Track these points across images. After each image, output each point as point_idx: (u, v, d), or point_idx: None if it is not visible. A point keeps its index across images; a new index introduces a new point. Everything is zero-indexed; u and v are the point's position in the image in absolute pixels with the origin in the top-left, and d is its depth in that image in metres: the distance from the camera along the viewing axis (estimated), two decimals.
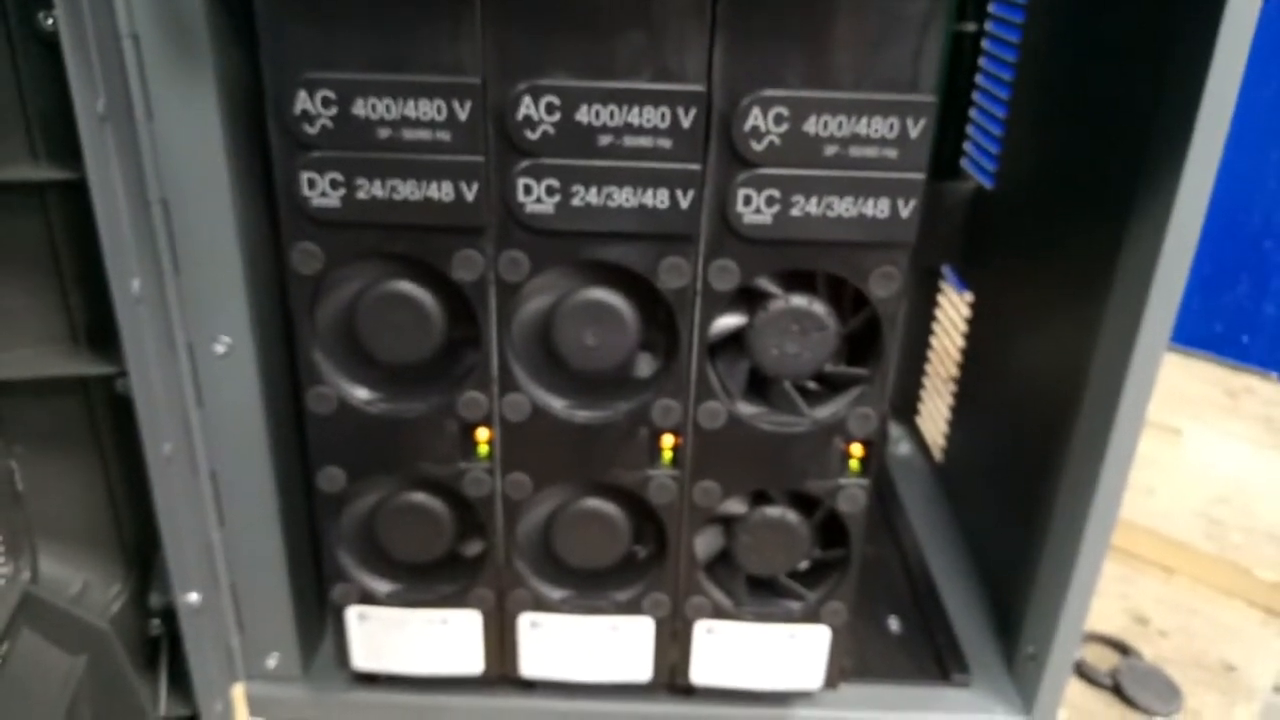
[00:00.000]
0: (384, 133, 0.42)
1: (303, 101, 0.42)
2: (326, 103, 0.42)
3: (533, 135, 0.42)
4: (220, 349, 0.49)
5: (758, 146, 0.42)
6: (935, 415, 0.86)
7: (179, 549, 0.50)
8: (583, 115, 0.42)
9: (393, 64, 0.41)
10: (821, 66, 0.41)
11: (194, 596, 0.51)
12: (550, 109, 0.42)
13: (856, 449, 0.48)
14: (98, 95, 0.42)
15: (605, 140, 0.42)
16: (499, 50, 0.41)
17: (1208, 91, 0.43)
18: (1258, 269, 1.78)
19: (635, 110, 0.41)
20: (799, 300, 0.45)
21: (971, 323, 0.78)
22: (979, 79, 0.78)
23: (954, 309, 0.83)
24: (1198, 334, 1.82)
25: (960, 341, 0.79)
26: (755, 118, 0.41)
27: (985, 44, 0.76)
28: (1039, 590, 0.58)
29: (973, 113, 0.79)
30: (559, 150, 0.42)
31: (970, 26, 0.76)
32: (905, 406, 0.93)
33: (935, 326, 0.88)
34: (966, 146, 0.80)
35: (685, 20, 0.40)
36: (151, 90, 0.44)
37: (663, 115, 0.41)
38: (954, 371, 0.81)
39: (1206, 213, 0.45)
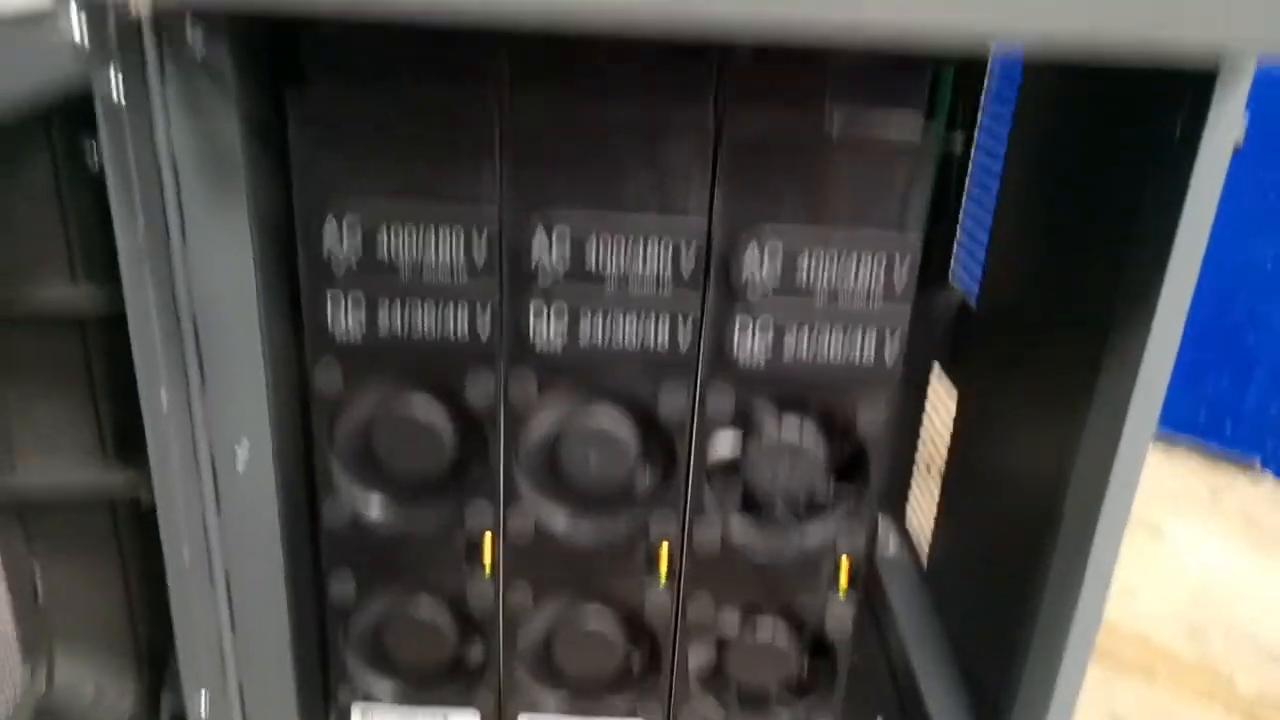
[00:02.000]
0: (406, 264, 0.45)
1: (331, 233, 0.45)
2: (353, 235, 0.45)
3: (544, 269, 0.45)
4: (241, 460, 0.51)
5: (754, 283, 0.45)
6: (923, 512, 0.88)
7: (192, 653, 0.51)
8: (591, 251, 0.45)
9: (416, 200, 0.44)
10: (814, 208, 0.44)
11: (204, 698, 0.52)
12: (561, 245, 0.44)
13: (845, 564, 0.51)
14: (137, 222, 0.45)
15: (611, 275, 0.45)
16: (515, 188, 0.44)
17: (1180, 231, 0.45)
18: (1240, 359, 1.82)
19: (640, 248, 0.44)
20: (790, 432, 0.47)
21: (957, 425, 0.80)
22: (968, 191, 0.81)
23: (943, 406, 0.85)
24: (1182, 420, 1.85)
25: (948, 440, 0.82)
26: (752, 255, 0.44)
27: (974, 156, 0.80)
28: (1023, 697, 0.60)
29: (962, 223, 0.82)
30: (568, 283, 0.45)
31: (959, 138, 0.80)
32: (894, 502, 0.95)
33: (925, 422, 0.91)
34: (956, 253, 0.84)
35: (688, 165, 0.44)
36: (187, 214, 0.47)
37: (665, 253, 0.44)
38: (942, 469, 0.83)
39: (1189, 306, 0.47)
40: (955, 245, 0.85)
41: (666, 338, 0.46)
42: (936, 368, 0.87)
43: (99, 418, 0.48)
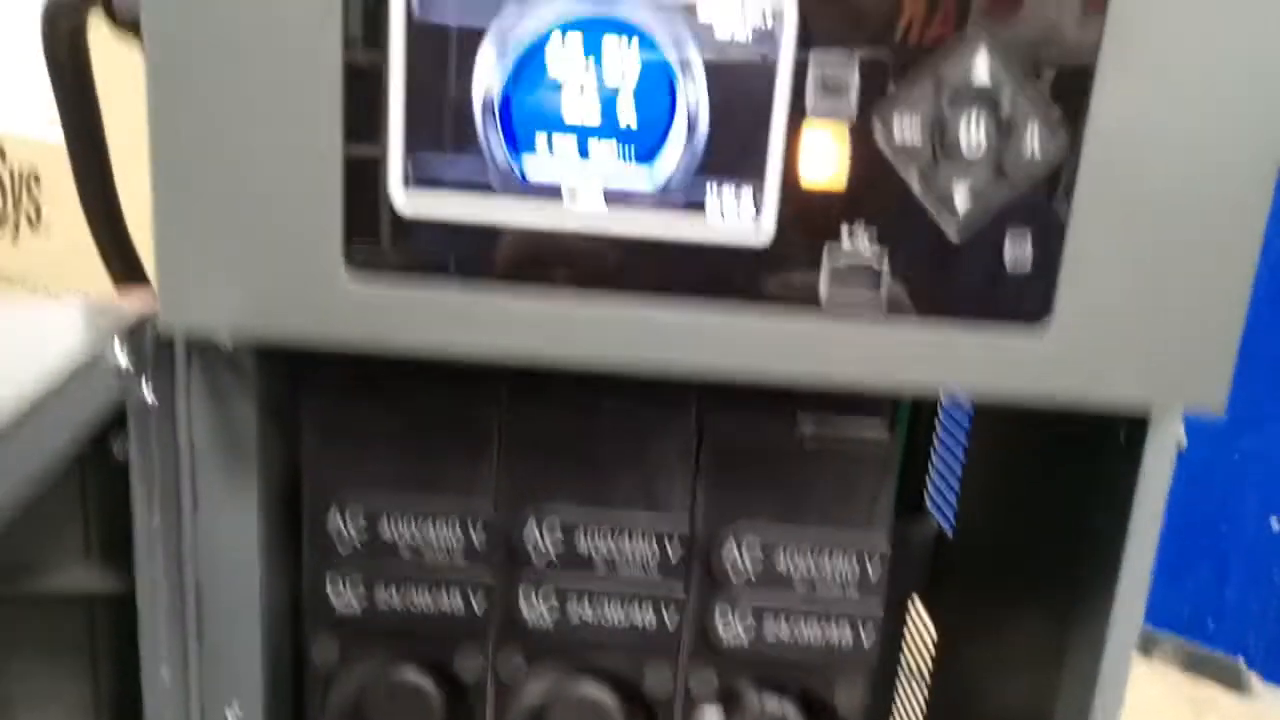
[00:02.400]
0: (406, 550, 0.48)
1: (335, 519, 0.48)
2: (356, 522, 0.47)
3: (536, 556, 0.48)
4: None
5: (734, 575, 0.47)
6: None
7: None
8: (581, 541, 0.47)
9: (417, 493, 0.47)
10: (788, 506, 0.47)
11: None
12: (553, 534, 0.47)
13: None
14: (154, 513, 0.47)
15: (600, 563, 0.48)
16: (511, 480, 0.47)
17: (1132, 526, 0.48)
18: (1218, 557, 1.84)
19: (627, 539, 0.47)
20: (772, 709, 0.49)
21: (936, 655, 0.82)
22: (939, 424, 0.85)
23: (924, 636, 0.86)
24: (1164, 616, 1.85)
25: (929, 667, 0.83)
26: (731, 549, 0.47)
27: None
28: None
29: (936, 451, 0.86)
30: (559, 570, 0.48)
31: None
32: None
33: (904, 654, 0.92)
34: (929, 486, 0.87)
35: (672, 464, 0.47)
36: (200, 493, 0.50)
37: (651, 544, 0.47)
38: (923, 700, 0.84)
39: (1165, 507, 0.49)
40: (929, 474, 0.88)
41: (653, 619, 0.48)
42: (915, 599, 0.90)
43: (98, 688, 0.50)
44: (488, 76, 0.36)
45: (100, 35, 0.45)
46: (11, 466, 0.34)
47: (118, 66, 0.48)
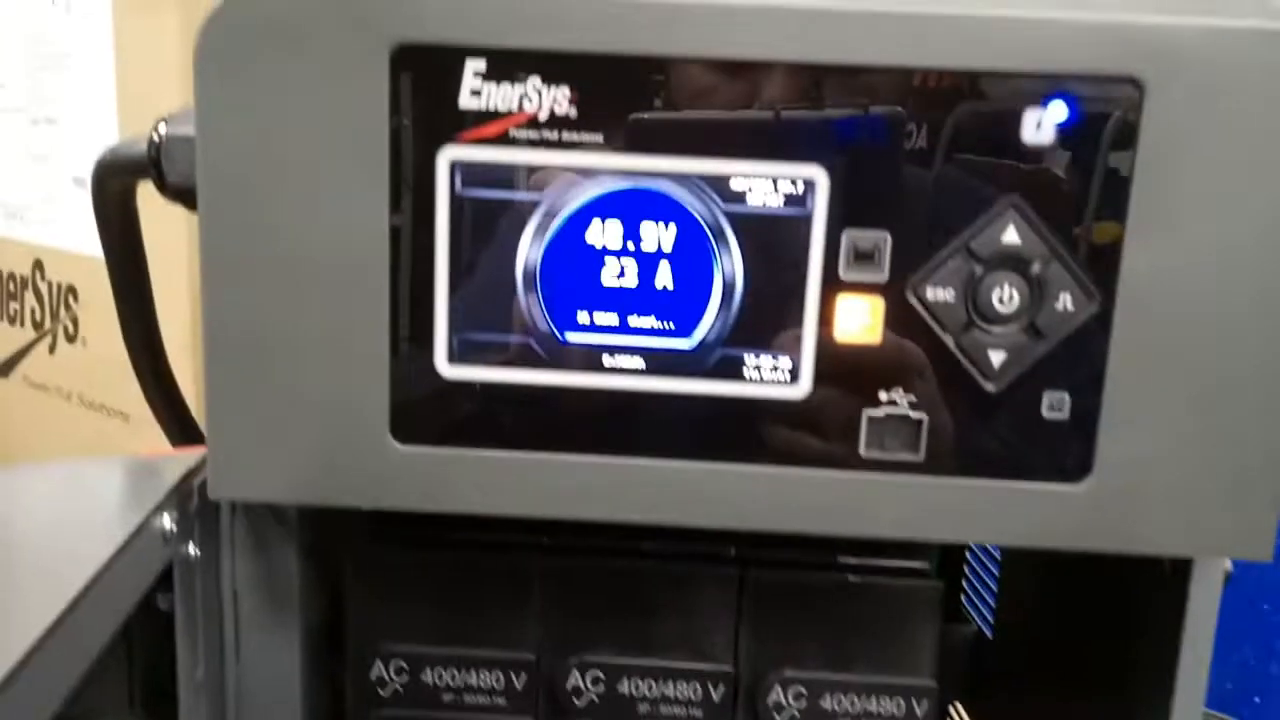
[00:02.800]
0: (448, 697, 0.48)
1: (379, 668, 0.48)
2: (400, 671, 0.48)
3: (579, 702, 0.47)
4: None
5: (779, 718, 0.47)
6: None
7: None
8: (624, 687, 0.47)
9: (461, 639, 0.48)
10: (835, 651, 0.47)
11: None
12: (596, 681, 0.47)
13: None
14: (198, 664, 0.48)
15: (644, 709, 0.47)
16: (553, 628, 0.47)
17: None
18: (1259, 633, 1.80)
19: (670, 684, 0.47)
20: None
21: None
22: None
23: None
24: (1211, 694, 1.81)
25: None
26: (777, 694, 0.47)
27: None
28: None
29: (968, 556, 0.85)
30: (601, 715, 0.48)
31: None
32: None
33: None
34: (965, 586, 0.86)
35: (716, 608, 0.47)
36: (242, 637, 0.50)
37: (695, 689, 0.47)
38: None
39: None
40: (964, 574, 0.87)
41: None
42: (956, 706, 0.88)
43: None
44: (528, 249, 0.37)
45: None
46: (66, 651, 0.35)
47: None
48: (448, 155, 0.35)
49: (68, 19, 1.07)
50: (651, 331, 0.37)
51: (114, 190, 0.47)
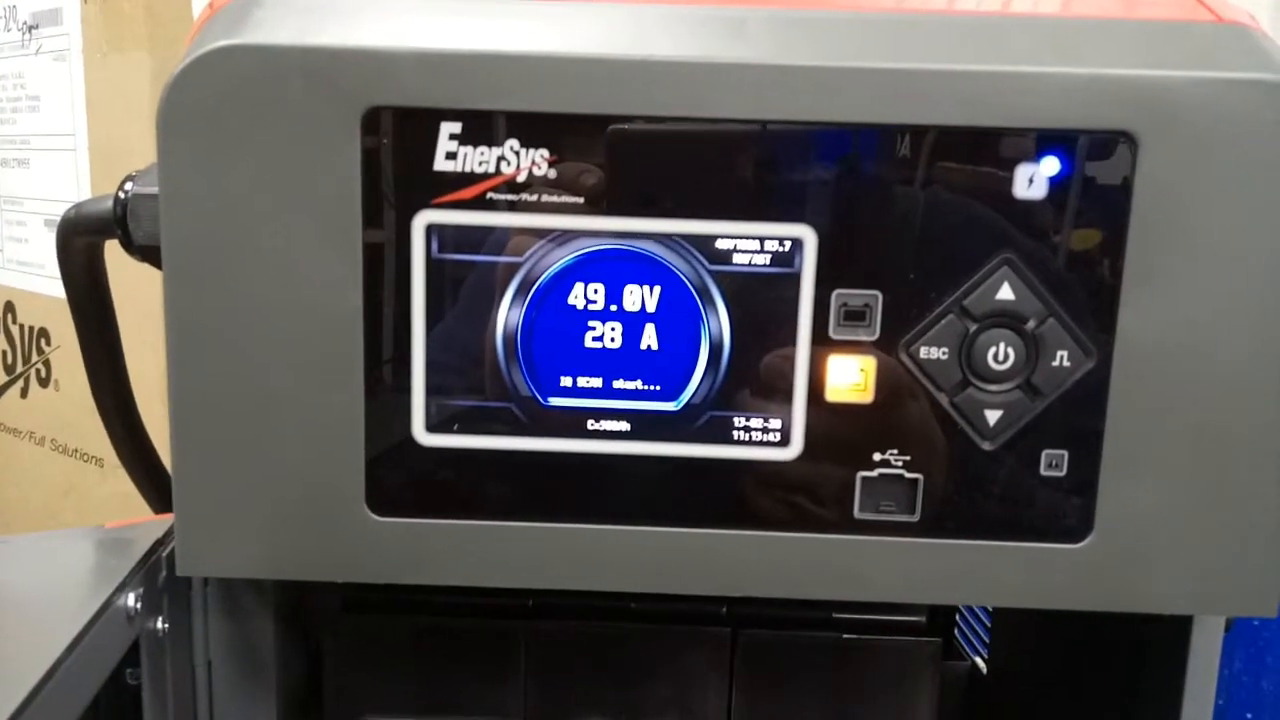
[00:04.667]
0: None
1: None
2: None
3: None
4: None
5: None
6: None
7: None
8: None
9: (444, 707, 0.46)
10: (831, 711, 0.46)
11: None
12: None
13: None
14: None
15: None
16: (540, 693, 0.46)
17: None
18: (1251, 648, 1.80)
19: None
20: None
21: None
22: None
23: None
24: None
25: None
26: None
27: None
28: None
29: None
30: None
31: None
32: None
33: None
34: (959, 622, 0.85)
35: (707, 669, 0.46)
36: (216, 704, 0.48)
37: None
38: None
39: None
40: (958, 613, 0.86)
41: None
42: None
43: None
44: (508, 312, 0.35)
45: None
46: None
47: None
48: (423, 219, 0.34)
49: (38, 61, 1.05)
50: (637, 394, 0.36)
51: (79, 247, 0.46)
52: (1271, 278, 0.34)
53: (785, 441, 0.36)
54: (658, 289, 0.35)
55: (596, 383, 0.36)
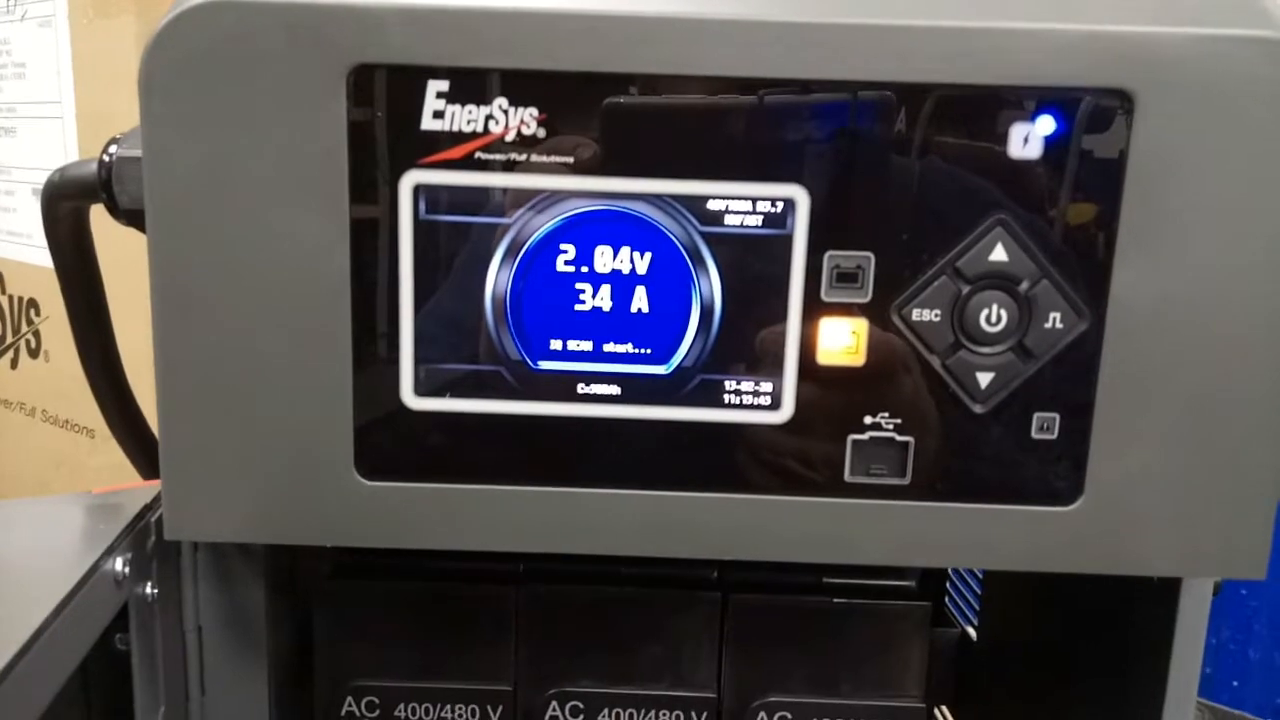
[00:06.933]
0: None
1: (350, 705, 0.46)
2: (371, 707, 0.46)
3: None
4: None
5: None
6: None
7: None
8: (604, 717, 0.46)
9: (434, 672, 0.46)
10: (821, 674, 0.46)
11: None
12: (575, 711, 0.46)
13: None
14: (160, 703, 0.46)
15: None
16: (530, 658, 0.46)
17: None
18: (1238, 617, 1.81)
19: (652, 713, 0.46)
20: None
21: None
22: None
23: None
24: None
25: None
26: None
27: None
28: None
29: None
30: None
31: None
32: None
33: None
34: (949, 589, 0.85)
35: (698, 634, 0.46)
36: (208, 674, 0.48)
37: (677, 718, 0.46)
38: None
39: None
40: (948, 580, 0.86)
41: None
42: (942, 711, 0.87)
43: None
44: (497, 274, 0.35)
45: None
46: (19, 695, 0.33)
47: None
48: (410, 179, 0.34)
49: (23, 27, 1.04)
50: (627, 357, 0.36)
51: (65, 213, 0.45)
52: (1268, 238, 0.34)
53: (776, 405, 0.36)
54: (649, 251, 0.35)
55: (587, 346, 0.36)
